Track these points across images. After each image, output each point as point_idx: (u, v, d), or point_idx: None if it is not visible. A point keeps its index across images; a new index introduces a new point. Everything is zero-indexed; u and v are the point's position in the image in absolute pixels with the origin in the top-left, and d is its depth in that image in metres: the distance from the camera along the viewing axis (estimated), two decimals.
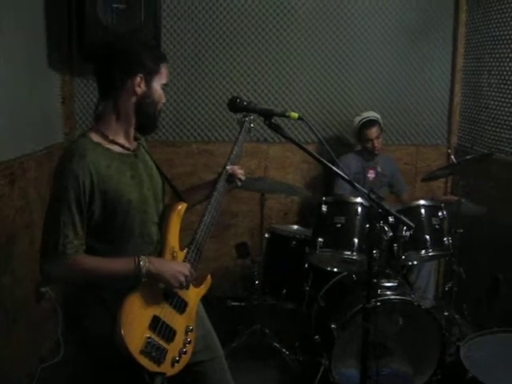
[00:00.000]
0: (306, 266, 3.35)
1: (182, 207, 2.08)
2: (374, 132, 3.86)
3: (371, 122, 3.87)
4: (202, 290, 2.14)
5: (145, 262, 1.83)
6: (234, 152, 2.22)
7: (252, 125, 2.27)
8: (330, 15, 4.15)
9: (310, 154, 2.03)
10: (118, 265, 1.85)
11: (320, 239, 3.03)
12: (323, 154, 2.10)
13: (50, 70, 3.61)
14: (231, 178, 2.21)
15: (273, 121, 1.98)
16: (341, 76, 4.24)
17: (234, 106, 2.02)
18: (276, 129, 1.99)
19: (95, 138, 1.89)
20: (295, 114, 1.98)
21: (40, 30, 3.45)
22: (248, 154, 4.21)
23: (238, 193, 4.20)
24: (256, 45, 4.15)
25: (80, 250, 1.81)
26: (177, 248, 2.02)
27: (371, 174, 3.97)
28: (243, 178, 2.23)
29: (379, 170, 3.98)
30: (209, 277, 2.16)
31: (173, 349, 1.92)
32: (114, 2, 3.37)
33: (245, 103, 2.01)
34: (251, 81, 4.19)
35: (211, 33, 4.10)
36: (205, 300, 2.27)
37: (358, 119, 3.94)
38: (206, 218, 2.07)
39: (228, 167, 2.19)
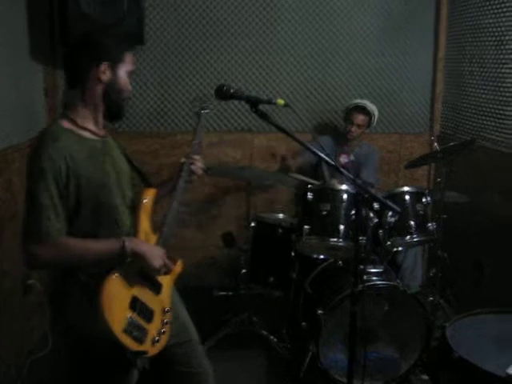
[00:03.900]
0: (293, 253, 3.37)
1: (152, 192, 2.15)
2: (359, 119, 3.88)
3: (364, 110, 3.89)
4: (175, 273, 2.20)
5: (130, 242, 1.90)
6: (194, 143, 2.31)
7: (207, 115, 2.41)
8: (312, 5, 4.16)
9: (296, 140, 2.05)
10: (104, 245, 1.91)
11: (306, 227, 3.05)
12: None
13: (33, 61, 3.57)
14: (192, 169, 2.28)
15: (260, 108, 1.99)
16: (324, 66, 4.26)
17: (221, 93, 2.03)
18: (263, 116, 2.01)
19: (66, 124, 1.95)
20: (281, 101, 2.01)
21: (21, 20, 3.40)
22: (233, 144, 4.23)
23: (224, 182, 4.22)
24: (239, 34, 4.15)
25: (63, 232, 1.86)
26: (149, 230, 2.10)
27: (344, 159, 3.99)
28: (199, 171, 2.29)
29: (352, 158, 3.99)
30: (180, 261, 2.22)
31: (152, 329, 1.99)
32: None
33: (232, 91, 2.02)
34: (235, 71, 4.19)
35: (195, 23, 4.09)
36: (192, 290, 2.31)
37: (355, 101, 3.95)
38: (174, 203, 2.16)
39: (187, 159, 2.26)
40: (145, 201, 2.11)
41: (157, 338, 2.00)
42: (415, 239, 3.14)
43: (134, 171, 2.21)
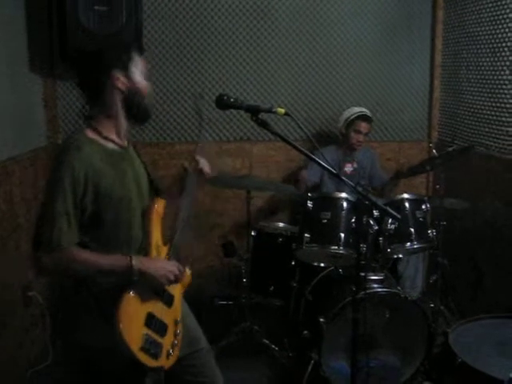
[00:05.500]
0: (293, 262, 3.38)
1: (161, 203, 2.16)
2: (366, 127, 3.90)
3: (368, 119, 3.91)
4: (185, 283, 2.21)
5: (137, 262, 1.89)
6: (199, 146, 2.39)
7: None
8: (309, 14, 4.19)
9: (297, 148, 2.05)
10: (112, 261, 1.90)
11: (306, 235, 3.06)
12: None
13: (32, 73, 3.59)
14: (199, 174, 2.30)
15: (260, 116, 2.00)
16: (321, 74, 4.28)
17: (222, 103, 2.04)
18: (263, 125, 2.02)
19: (90, 134, 1.97)
20: (282, 110, 2.01)
21: (21, 33, 3.43)
22: (232, 153, 4.24)
23: (223, 192, 4.22)
24: (237, 44, 4.17)
25: (73, 242, 1.87)
26: (160, 243, 2.10)
27: (348, 168, 4.01)
28: (207, 170, 2.35)
29: (355, 165, 4.02)
30: (189, 272, 2.23)
31: (166, 342, 1.99)
32: (95, 4, 3.37)
33: (232, 100, 2.04)
34: (233, 80, 4.21)
35: (192, 33, 4.11)
36: (193, 299, 2.32)
37: (356, 109, 3.95)
38: (182, 213, 2.15)
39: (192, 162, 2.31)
40: (155, 211, 2.10)
41: (170, 350, 2.00)
42: (415, 246, 3.15)
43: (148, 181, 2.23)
